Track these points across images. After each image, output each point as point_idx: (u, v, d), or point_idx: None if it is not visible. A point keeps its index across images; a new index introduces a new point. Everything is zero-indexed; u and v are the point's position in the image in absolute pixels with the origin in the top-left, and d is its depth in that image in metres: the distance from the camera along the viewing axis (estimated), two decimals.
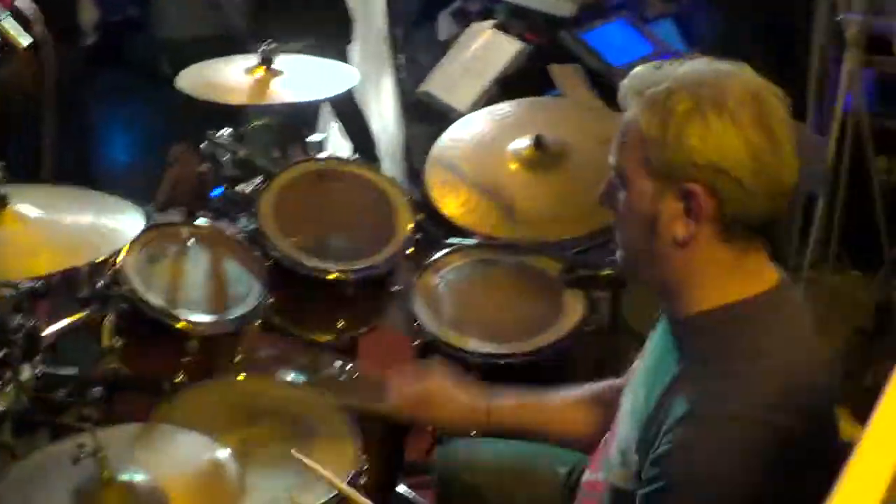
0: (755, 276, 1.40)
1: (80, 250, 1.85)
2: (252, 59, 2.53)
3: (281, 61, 2.54)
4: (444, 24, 4.05)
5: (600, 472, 1.58)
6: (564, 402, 1.86)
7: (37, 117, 2.71)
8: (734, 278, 1.38)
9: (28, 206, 1.86)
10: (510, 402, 1.87)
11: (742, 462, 1.30)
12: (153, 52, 4.23)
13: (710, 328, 1.39)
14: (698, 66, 1.38)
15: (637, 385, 1.52)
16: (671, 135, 1.32)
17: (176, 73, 2.55)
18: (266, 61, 2.50)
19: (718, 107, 1.31)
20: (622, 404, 1.58)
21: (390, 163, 3.93)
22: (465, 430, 1.92)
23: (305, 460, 1.76)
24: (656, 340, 1.54)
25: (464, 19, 3.88)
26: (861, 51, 2.91)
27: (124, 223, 1.90)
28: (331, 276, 2.41)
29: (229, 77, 2.52)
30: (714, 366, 1.36)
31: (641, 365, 1.57)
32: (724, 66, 1.38)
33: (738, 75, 1.37)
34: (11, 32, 2.06)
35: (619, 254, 1.50)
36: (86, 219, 1.90)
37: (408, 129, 3.90)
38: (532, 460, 1.93)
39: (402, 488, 2.46)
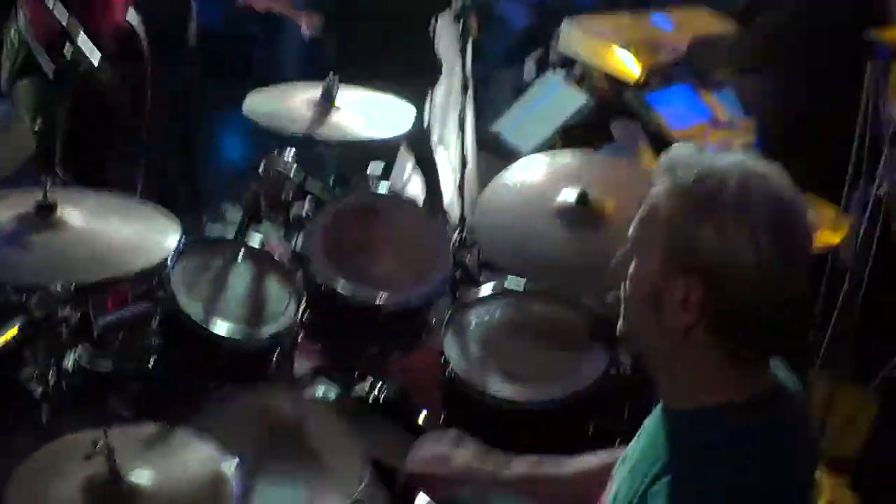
0: (746, 380, 1.30)
1: (114, 262, 1.86)
2: (315, 91, 2.52)
3: (342, 97, 2.53)
4: (529, 69, 4.08)
5: None
6: (579, 472, 1.72)
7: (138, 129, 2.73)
8: (723, 381, 1.30)
9: (75, 215, 1.89)
10: (522, 469, 1.74)
11: None
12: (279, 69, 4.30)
13: (693, 429, 1.31)
14: (736, 160, 1.28)
15: (626, 467, 1.41)
16: (686, 222, 1.25)
17: None
18: (327, 95, 2.49)
19: (738, 206, 1.24)
20: (611, 484, 1.47)
21: (467, 192, 3.90)
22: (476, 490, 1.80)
23: None
24: (651, 424, 1.44)
25: (544, 67, 3.88)
26: None
27: (163, 238, 1.91)
28: (365, 304, 2.38)
29: (291, 106, 2.51)
30: (694, 472, 1.27)
31: (635, 446, 1.46)
32: (760, 166, 1.28)
33: (770, 179, 1.27)
34: (84, 51, 2.07)
35: (620, 325, 1.42)
36: (127, 230, 1.91)
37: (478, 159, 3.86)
38: None
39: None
